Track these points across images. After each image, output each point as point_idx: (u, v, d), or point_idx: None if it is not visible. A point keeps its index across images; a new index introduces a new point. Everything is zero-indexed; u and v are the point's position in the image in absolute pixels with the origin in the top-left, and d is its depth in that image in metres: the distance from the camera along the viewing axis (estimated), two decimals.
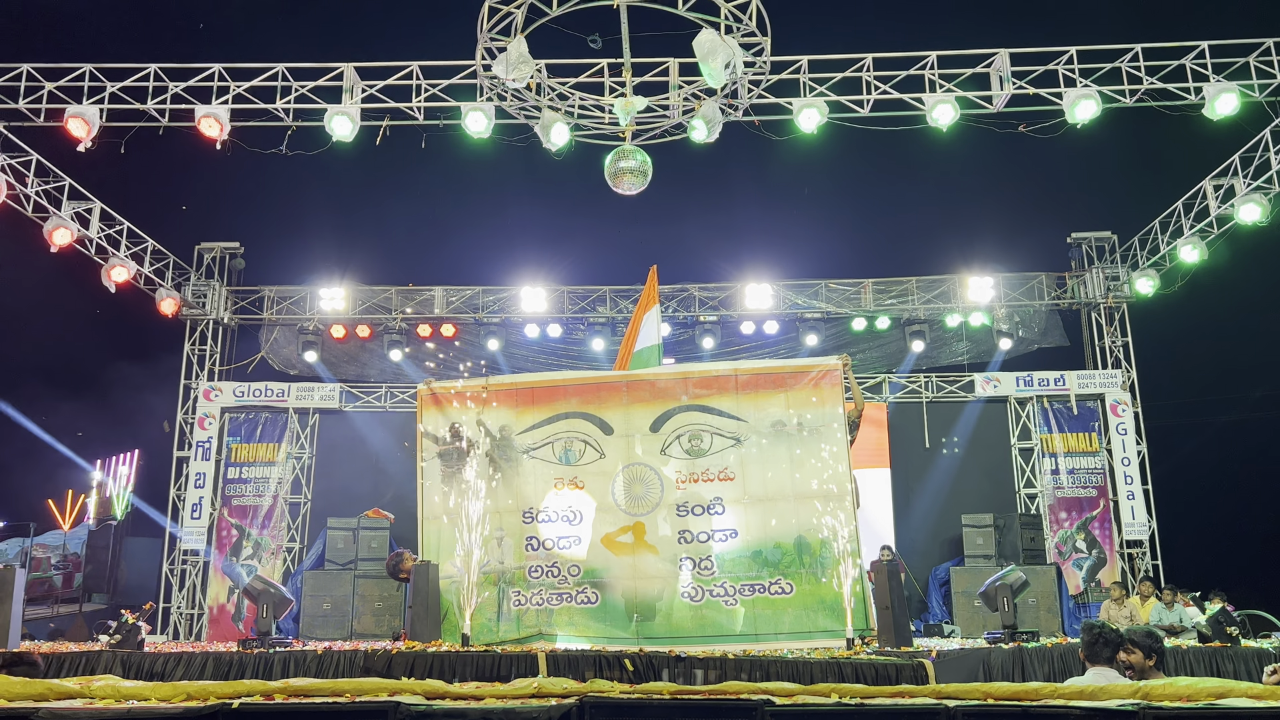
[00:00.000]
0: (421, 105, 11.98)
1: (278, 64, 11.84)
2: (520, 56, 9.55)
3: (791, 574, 9.26)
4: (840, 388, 9.63)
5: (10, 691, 4.31)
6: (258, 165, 12.89)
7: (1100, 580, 14.99)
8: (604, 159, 10.08)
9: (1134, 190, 17.18)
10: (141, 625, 8.96)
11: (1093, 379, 15.94)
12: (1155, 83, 11.57)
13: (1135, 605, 12.15)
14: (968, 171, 16.96)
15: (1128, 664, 5.24)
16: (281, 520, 15.69)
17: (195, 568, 15.60)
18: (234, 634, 14.38)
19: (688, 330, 16.65)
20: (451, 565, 9.59)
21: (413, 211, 18.56)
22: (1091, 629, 5.01)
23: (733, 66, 9.61)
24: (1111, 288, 16.14)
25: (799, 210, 19.03)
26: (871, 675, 6.44)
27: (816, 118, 11.59)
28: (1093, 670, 4.90)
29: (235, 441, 15.92)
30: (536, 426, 9.98)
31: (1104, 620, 12.01)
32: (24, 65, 11.76)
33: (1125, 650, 5.29)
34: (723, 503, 9.55)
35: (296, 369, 16.61)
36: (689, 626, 9.24)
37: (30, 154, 12.70)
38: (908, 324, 16.38)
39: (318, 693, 4.37)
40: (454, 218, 19.88)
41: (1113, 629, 4.98)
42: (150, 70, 11.78)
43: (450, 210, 19.48)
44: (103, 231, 14.04)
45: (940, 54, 11.78)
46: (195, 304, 16.22)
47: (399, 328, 16.36)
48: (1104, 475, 15.66)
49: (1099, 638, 4.94)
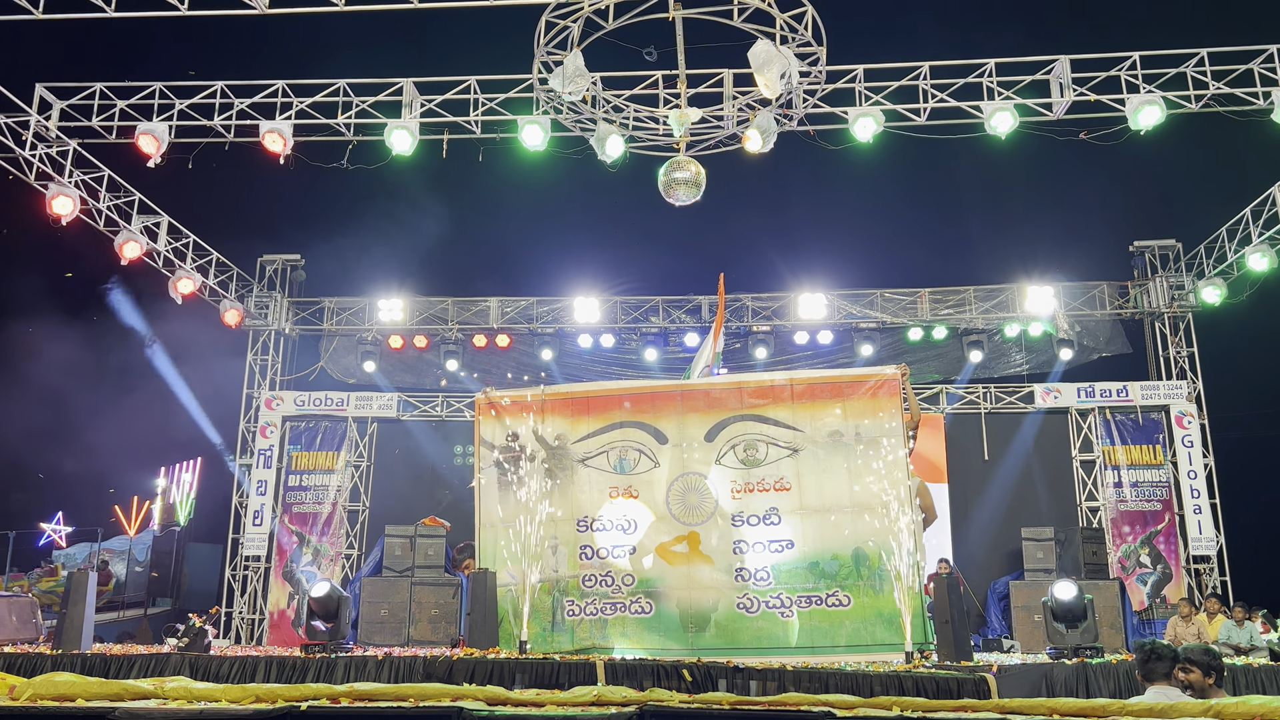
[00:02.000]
0: (479, 119, 12.14)
1: (339, 80, 12.08)
2: (576, 70, 9.64)
3: (849, 586, 9.17)
4: (899, 398, 9.54)
5: (88, 691, 4.45)
6: (319, 179, 13.17)
7: (1165, 596, 14.63)
8: (658, 170, 10.12)
9: (1199, 197, 16.79)
10: (208, 629, 9.15)
11: (1157, 390, 15.59)
12: (1222, 88, 11.32)
13: (1203, 622, 11.84)
14: (1027, 180, 16.74)
15: (1187, 683, 5.11)
16: (340, 527, 15.93)
17: (256, 573, 15.90)
18: (294, 639, 14.60)
19: (740, 340, 16.61)
20: (506, 573, 9.67)
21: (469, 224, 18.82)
22: (1143, 647, 4.90)
23: (788, 77, 9.61)
24: (1176, 297, 15.78)
25: (854, 220, 18.90)
26: (933, 689, 6.36)
27: (873, 127, 11.53)
28: (1153, 689, 4.79)
29: (296, 449, 16.22)
30: (592, 435, 10.03)
31: (1170, 638, 11.74)
32: (97, 84, 12.15)
33: (1183, 670, 5.17)
34: (779, 513, 9.49)
35: (355, 378, 16.89)
36: (744, 638, 9.20)
37: (102, 170, 13.10)
38: (965, 334, 16.19)
39: (382, 697, 4.44)
40: (509, 229, 20.09)
41: (1165, 645, 4.85)
42: (217, 88, 12.10)
43: (506, 222, 19.70)
44: (170, 245, 14.43)
45: (999, 61, 11.65)
46: (258, 315, 16.59)
47: (455, 338, 16.56)
48: (1169, 488, 15.28)
49: (1151, 654, 4.82)
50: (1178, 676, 5.26)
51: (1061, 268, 16.36)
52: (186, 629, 8.99)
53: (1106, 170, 15.77)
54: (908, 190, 18.65)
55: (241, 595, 15.84)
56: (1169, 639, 11.79)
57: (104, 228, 13.37)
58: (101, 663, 8.53)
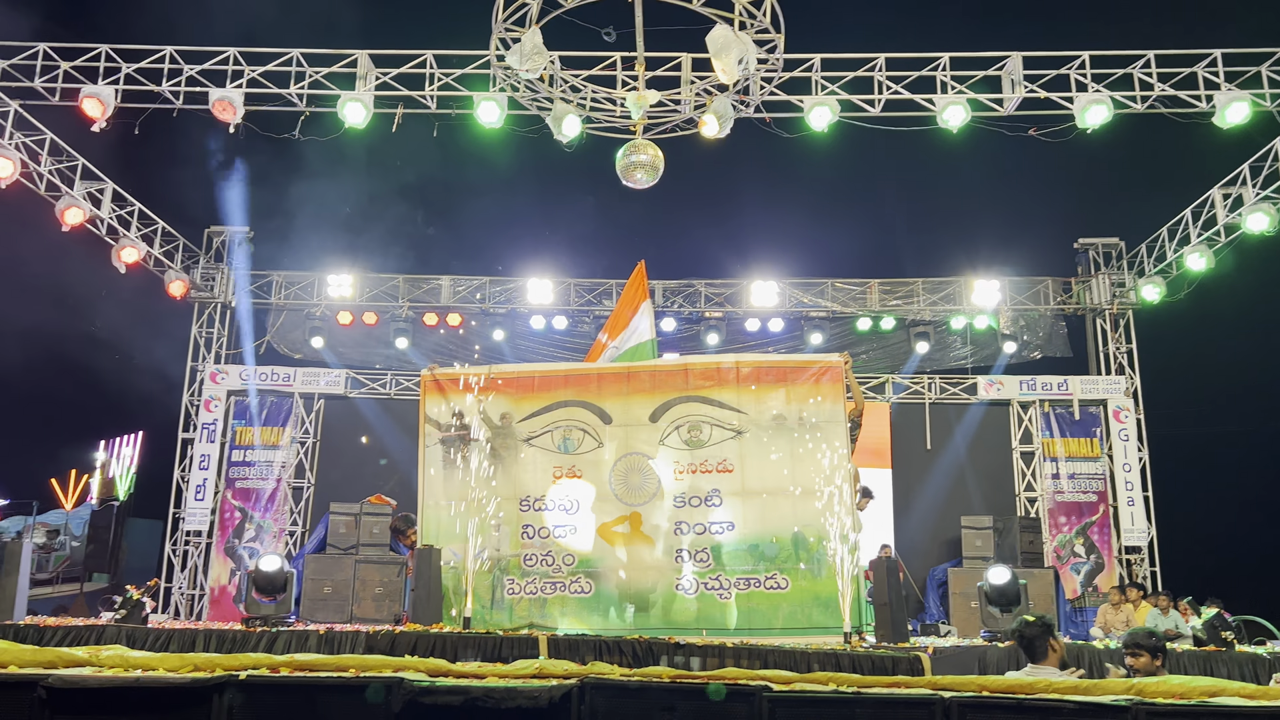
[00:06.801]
0: (434, 94, 12.03)
1: (293, 49, 11.89)
2: (534, 48, 9.59)
3: (788, 569, 9.29)
4: (842, 385, 9.66)
5: (20, 658, 4.38)
6: (270, 149, 12.95)
7: (1098, 585, 15.04)
8: (615, 152, 10.12)
9: (1142, 197, 17.17)
10: (146, 601, 9.04)
11: (1096, 384, 15.97)
12: (1167, 90, 11.58)
13: (1131, 610, 12.19)
14: (977, 174, 16.97)
15: (1134, 668, 5.25)
16: (284, 504, 15.78)
17: (197, 549, 15.69)
18: (235, 615, 14.44)
19: (693, 326, 16.70)
20: (449, 551, 9.66)
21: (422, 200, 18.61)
22: (1015, 633, 4.99)
23: (745, 63, 9.65)
24: (1117, 294, 16.17)
25: (807, 209, 19.04)
26: (868, 667, 6.50)
27: (828, 116, 11.63)
28: (1031, 667, 4.87)
29: (240, 425, 16.01)
30: (536, 414, 10.02)
31: (1101, 624, 12.07)
32: (40, 45, 11.81)
33: (1132, 654, 5.31)
34: (720, 495, 9.57)
35: (302, 354, 16.69)
36: (683, 619, 9.28)
37: (44, 133, 12.76)
38: (912, 325, 16.43)
39: (322, 667, 4.43)
40: (463, 207, 19.93)
41: (1032, 622, 4.91)
42: (166, 52, 11.84)
43: (459, 200, 19.52)
44: (114, 212, 14.11)
45: (953, 55, 11.80)
46: (204, 287, 16.31)
47: (405, 316, 16.43)
48: (1104, 481, 15.69)
49: (1021, 636, 4.91)
50: (1127, 663, 5.39)
51: (1008, 262, 16.70)
52: (124, 601, 8.86)
53: (1054, 167, 16.05)
54: (860, 180, 18.84)
55: (182, 570, 15.63)
56: (1099, 625, 12.14)
57: (45, 192, 13.04)
58: (35, 633, 8.36)
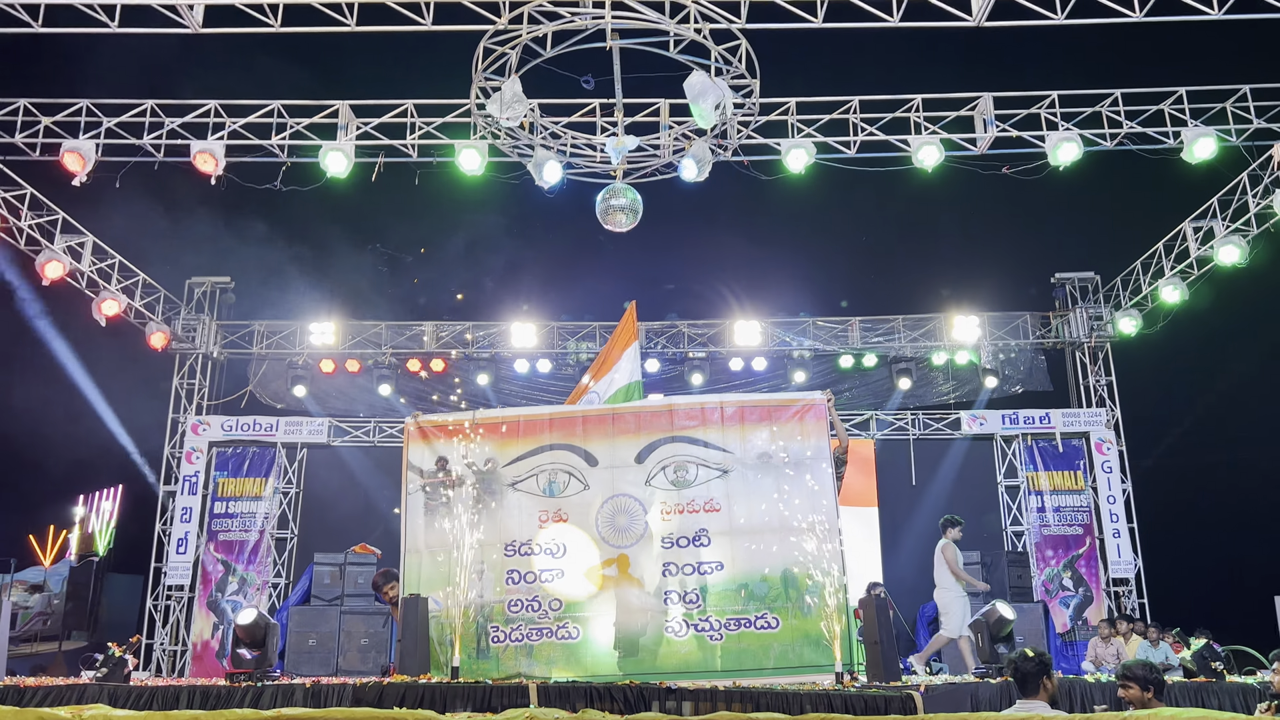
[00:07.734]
0: (415, 143, 12.13)
1: (273, 101, 11.99)
2: (514, 96, 9.72)
3: (778, 608, 9.22)
4: (825, 422, 9.68)
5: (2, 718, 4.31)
6: (251, 200, 12.98)
7: (1087, 618, 15.02)
8: (595, 197, 10.22)
9: (1116, 232, 17.42)
10: (129, 659, 8.89)
11: (1077, 417, 16.08)
12: (1135, 127, 11.84)
13: (1121, 643, 12.19)
14: (953, 212, 17.17)
15: (1127, 700, 5.22)
16: (268, 555, 15.61)
17: (179, 604, 15.47)
18: (218, 670, 14.23)
19: (677, 366, 16.75)
20: (432, 599, 9.54)
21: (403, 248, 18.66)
22: (1011, 664, 4.96)
23: (723, 107, 9.81)
24: (1095, 327, 16.35)
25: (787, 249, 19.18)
26: (861, 707, 6.46)
27: (804, 158, 11.80)
28: (1021, 703, 4.85)
29: (222, 476, 15.87)
30: (521, 458, 9.96)
31: (1092, 658, 12.04)
32: (21, 100, 11.87)
33: (1123, 686, 5.28)
34: (708, 534, 9.51)
35: (285, 403, 16.60)
36: (671, 662, 9.16)
37: (25, 188, 12.78)
38: (894, 362, 16.54)
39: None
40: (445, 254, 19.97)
41: (1030, 657, 4.87)
42: (147, 106, 11.92)
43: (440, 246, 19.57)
44: (94, 265, 14.09)
45: (925, 97, 12.02)
46: (185, 338, 16.24)
47: (388, 362, 16.41)
48: (1089, 513, 15.75)
49: (1017, 669, 4.88)
50: (1118, 693, 5.35)
51: (986, 298, 16.87)
52: (105, 659, 8.70)
53: (1028, 204, 16.27)
54: (839, 220, 19.01)
55: (163, 626, 15.39)
56: (1090, 659, 12.11)
57: (25, 246, 13.02)
58: (15, 694, 8.19)
